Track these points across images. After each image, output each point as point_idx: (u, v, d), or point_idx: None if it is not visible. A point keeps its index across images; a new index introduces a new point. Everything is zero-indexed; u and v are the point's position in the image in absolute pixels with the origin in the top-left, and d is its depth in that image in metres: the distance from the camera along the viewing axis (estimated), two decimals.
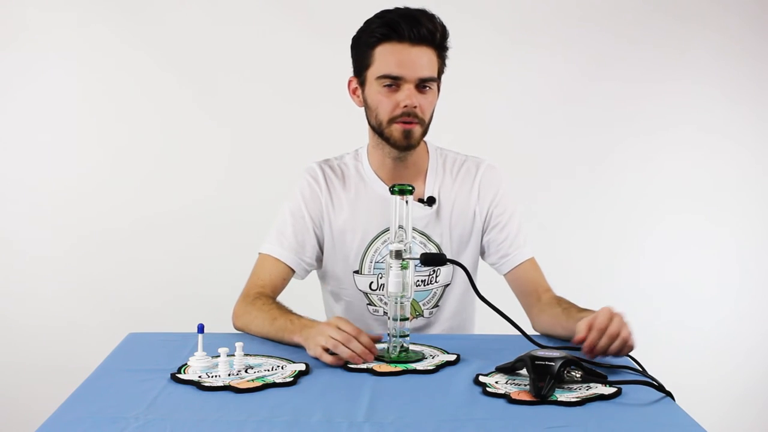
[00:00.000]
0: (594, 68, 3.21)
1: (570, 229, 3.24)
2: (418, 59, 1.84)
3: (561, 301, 1.89)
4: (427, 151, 2.02)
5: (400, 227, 1.67)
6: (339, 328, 1.64)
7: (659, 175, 3.26)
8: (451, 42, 1.90)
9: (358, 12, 1.94)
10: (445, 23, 1.88)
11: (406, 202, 1.67)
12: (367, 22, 1.89)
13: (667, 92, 3.23)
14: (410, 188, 1.68)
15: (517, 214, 2.02)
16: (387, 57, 1.84)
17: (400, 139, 1.89)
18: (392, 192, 1.68)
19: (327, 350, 1.63)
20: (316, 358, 1.66)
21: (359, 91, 1.93)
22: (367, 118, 1.94)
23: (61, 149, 3.15)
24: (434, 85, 1.88)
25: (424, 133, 1.93)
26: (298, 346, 1.73)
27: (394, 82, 1.85)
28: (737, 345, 3.29)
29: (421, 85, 1.85)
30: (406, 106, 1.85)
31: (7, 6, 3.09)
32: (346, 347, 1.62)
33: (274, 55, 3.16)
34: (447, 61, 1.91)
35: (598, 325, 1.61)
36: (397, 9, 1.87)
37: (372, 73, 1.87)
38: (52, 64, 3.12)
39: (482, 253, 2.04)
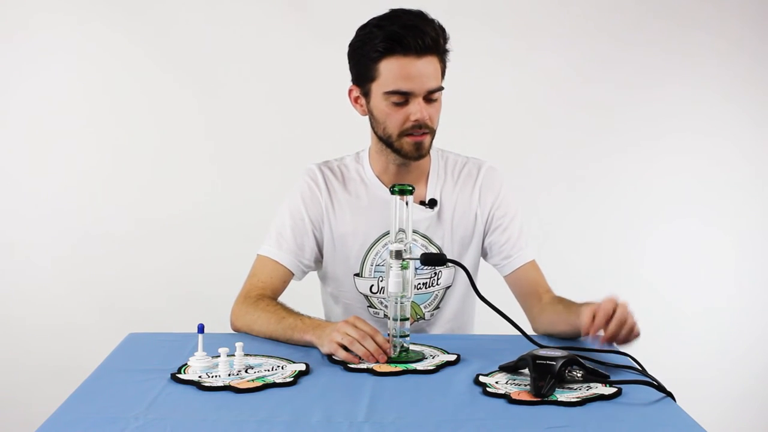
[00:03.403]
0: (594, 72, 3.21)
1: (570, 232, 3.24)
2: (424, 71, 1.81)
3: (562, 300, 1.90)
4: (429, 154, 2.02)
5: (401, 230, 1.67)
6: (356, 326, 1.66)
7: (660, 179, 3.26)
8: (451, 43, 1.87)
9: (358, 13, 1.92)
10: (443, 24, 1.86)
11: (407, 203, 1.67)
12: (367, 33, 1.84)
13: (669, 96, 3.23)
14: (410, 188, 1.68)
15: (518, 216, 2.02)
16: (393, 72, 1.81)
17: (412, 151, 1.88)
18: (392, 192, 1.68)
19: (342, 346, 1.64)
20: (329, 355, 1.67)
21: (362, 101, 1.91)
22: (373, 128, 1.93)
23: (61, 150, 3.15)
24: (440, 93, 1.86)
25: (433, 139, 1.92)
26: (308, 345, 1.73)
27: (402, 98, 1.83)
28: (736, 345, 3.29)
29: (429, 95, 1.84)
30: (417, 120, 1.84)
31: (7, 5, 3.09)
32: (362, 344, 1.63)
33: (274, 56, 3.15)
34: (448, 62, 1.89)
35: (604, 311, 1.63)
36: (396, 17, 1.83)
37: (378, 87, 1.84)
38: (52, 65, 3.12)
39: (484, 255, 2.04)
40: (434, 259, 1.77)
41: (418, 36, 1.79)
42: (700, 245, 3.29)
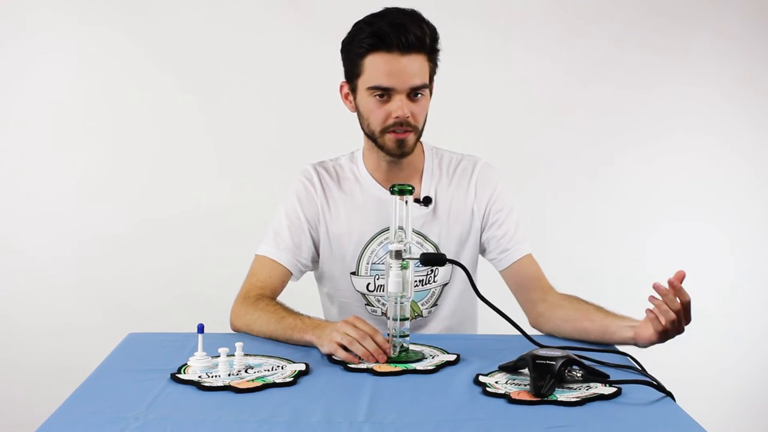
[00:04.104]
0: (594, 72, 3.21)
1: (571, 232, 3.23)
2: (408, 68, 1.82)
3: (579, 299, 1.89)
4: (423, 151, 2.02)
5: (400, 228, 1.67)
6: (355, 326, 1.66)
7: (660, 179, 3.25)
8: (443, 43, 1.88)
9: (357, 13, 1.92)
10: (435, 25, 1.86)
11: (406, 202, 1.67)
12: (357, 29, 1.87)
13: (669, 96, 3.23)
14: (410, 188, 1.68)
15: (514, 211, 2.02)
16: (377, 68, 1.83)
17: (394, 149, 1.89)
18: (392, 192, 1.68)
19: (342, 346, 1.64)
20: (329, 355, 1.67)
21: (351, 97, 1.92)
22: (360, 124, 1.94)
23: (61, 151, 3.15)
24: (426, 91, 1.87)
25: (418, 138, 1.93)
26: (308, 345, 1.74)
27: (385, 93, 1.84)
28: (736, 345, 3.29)
29: (413, 93, 1.85)
30: (398, 117, 1.85)
31: (7, 4, 3.09)
32: (361, 344, 1.63)
33: (274, 56, 3.15)
34: (440, 63, 1.89)
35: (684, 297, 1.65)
36: (386, 14, 1.85)
37: (362, 82, 1.86)
38: (52, 65, 3.12)
39: (482, 251, 2.04)
40: (434, 259, 1.77)
41: (402, 34, 1.81)
42: (700, 245, 3.28)
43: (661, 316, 1.67)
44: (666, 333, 1.69)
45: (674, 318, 1.66)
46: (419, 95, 1.86)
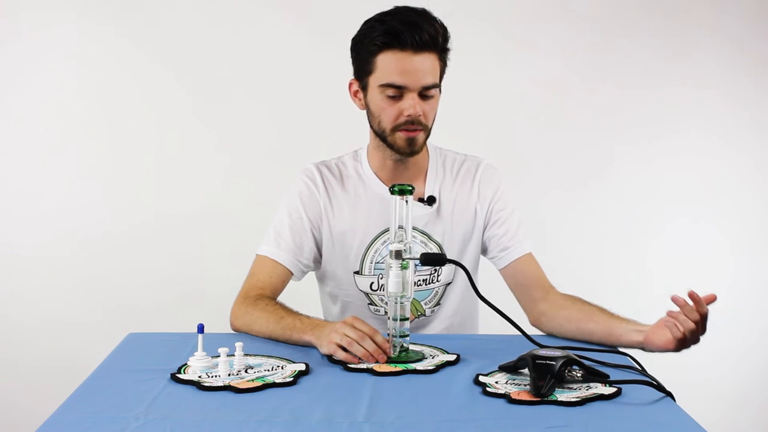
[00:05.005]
0: (595, 72, 3.21)
1: (572, 233, 3.23)
2: (421, 67, 1.83)
3: (582, 299, 1.90)
4: (427, 151, 2.02)
5: (400, 227, 1.67)
6: (354, 327, 1.66)
7: (661, 179, 3.26)
8: (452, 43, 1.89)
9: (358, 12, 1.93)
10: (446, 24, 1.87)
11: (406, 201, 1.67)
12: (368, 27, 1.87)
13: (669, 96, 3.23)
14: (410, 188, 1.68)
15: (516, 211, 2.03)
16: (389, 65, 1.83)
17: (404, 147, 1.90)
18: (392, 192, 1.68)
19: (341, 347, 1.64)
20: (329, 356, 1.67)
21: (361, 95, 1.93)
22: (369, 122, 1.94)
23: (62, 150, 3.15)
24: (436, 91, 1.88)
25: (427, 137, 1.93)
26: (307, 345, 1.74)
27: (397, 91, 1.85)
28: (736, 345, 3.29)
29: (424, 91, 1.85)
30: (409, 115, 1.85)
31: (6, 5, 3.09)
32: (361, 345, 1.63)
33: (274, 56, 3.15)
34: (448, 62, 1.90)
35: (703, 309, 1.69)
36: (398, 13, 1.85)
37: (374, 80, 1.86)
38: (52, 64, 3.12)
39: (484, 251, 2.04)
40: (434, 259, 1.77)
41: (415, 32, 1.81)
42: (700, 245, 3.29)
43: (681, 324, 1.68)
44: (684, 341, 1.70)
45: (694, 327, 1.67)
46: (430, 94, 1.86)
